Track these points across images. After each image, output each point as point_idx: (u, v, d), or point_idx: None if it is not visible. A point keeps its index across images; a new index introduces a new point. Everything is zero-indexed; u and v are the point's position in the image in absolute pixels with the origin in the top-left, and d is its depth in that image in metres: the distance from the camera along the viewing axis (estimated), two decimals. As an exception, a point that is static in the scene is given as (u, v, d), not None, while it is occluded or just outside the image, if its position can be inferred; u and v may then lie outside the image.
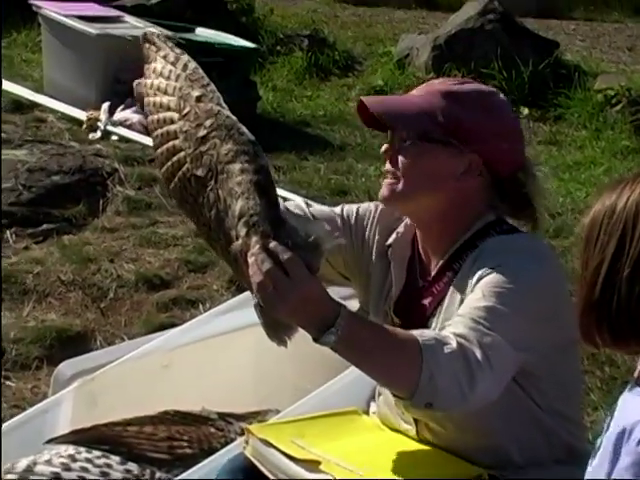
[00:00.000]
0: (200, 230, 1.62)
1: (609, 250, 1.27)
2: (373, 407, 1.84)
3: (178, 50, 1.66)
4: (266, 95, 6.10)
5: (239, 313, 2.33)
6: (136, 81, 1.68)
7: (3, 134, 4.84)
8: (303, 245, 1.44)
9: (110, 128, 4.97)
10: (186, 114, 1.55)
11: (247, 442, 1.68)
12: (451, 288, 1.69)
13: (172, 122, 1.57)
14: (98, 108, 5.06)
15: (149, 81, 1.64)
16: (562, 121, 6.10)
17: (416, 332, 1.54)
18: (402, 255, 1.79)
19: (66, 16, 5.40)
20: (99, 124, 4.99)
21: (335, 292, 2.27)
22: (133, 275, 3.70)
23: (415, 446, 1.68)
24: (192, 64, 1.61)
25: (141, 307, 3.55)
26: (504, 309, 1.57)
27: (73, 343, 3.29)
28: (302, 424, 1.76)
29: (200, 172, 1.52)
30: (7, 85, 5.50)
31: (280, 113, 5.96)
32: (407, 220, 1.80)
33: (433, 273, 1.74)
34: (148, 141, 4.07)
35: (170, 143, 1.57)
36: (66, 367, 2.31)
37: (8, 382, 3.09)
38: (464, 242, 1.71)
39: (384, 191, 1.73)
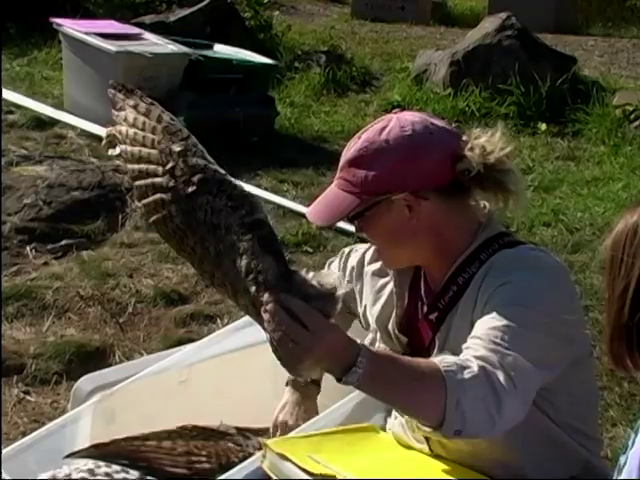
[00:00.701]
0: (202, 275, 1.61)
1: (634, 272, 1.25)
2: (390, 423, 1.84)
3: (148, 100, 1.64)
4: (284, 111, 6.12)
5: (257, 328, 2.32)
6: (109, 128, 1.69)
7: (24, 150, 4.89)
8: (316, 295, 1.43)
9: (129, 144, 5.00)
10: (170, 169, 1.53)
11: (264, 456, 1.68)
12: (459, 303, 1.69)
13: (156, 175, 1.55)
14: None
15: (123, 129, 1.62)
16: (580, 137, 6.09)
17: (437, 359, 1.54)
18: (404, 275, 1.81)
19: (86, 34, 5.45)
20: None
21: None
22: (152, 290, 3.72)
23: (431, 463, 1.68)
24: (166, 116, 1.59)
25: (159, 322, 3.57)
26: (521, 328, 1.57)
27: (92, 358, 3.30)
28: (319, 439, 1.76)
29: (195, 226, 1.51)
30: (28, 102, 5.55)
31: (298, 129, 5.98)
32: None
33: (438, 289, 1.75)
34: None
35: (157, 196, 1.55)
36: (85, 382, 2.32)
37: (28, 397, 3.11)
38: (467, 257, 1.71)
39: (377, 258, 1.85)
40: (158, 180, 1.55)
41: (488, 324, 1.58)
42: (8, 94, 5.61)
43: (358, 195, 1.70)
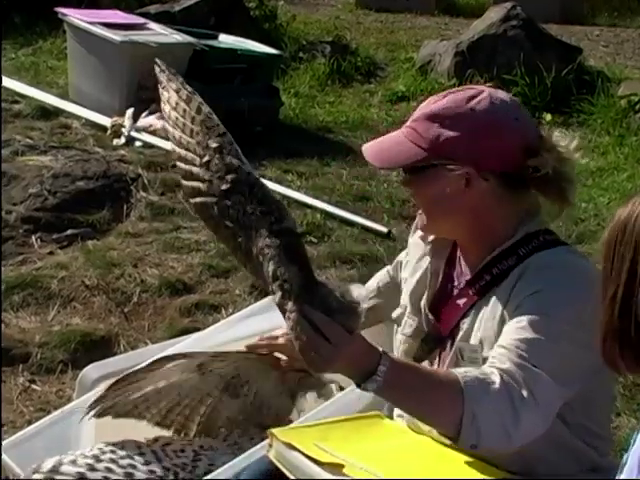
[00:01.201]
0: (237, 260, 1.64)
1: (623, 275, 1.25)
2: (397, 411, 1.84)
3: (189, 88, 1.66)
4: (289, 101, 6.12)
5: (261, 318, 2.34)
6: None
7: (29, 140, 4.89)
8: (339, 309, 1.44)
9: (134, 134, 5.01)
10: (207, 162, 1.57)
11: (271, 445, 1.68)
12: (490, 297, 1.68)
13: (194, 164, 1.59)
14: (122, 114, 5.10)
15: (167, 109, 1.65)
16: (585, 127, 6.08)
17: (459, 371, 1.54)
18: (441, 254, 1.80)
19: (91, 23, 5.46)
20: (123, 130, 5.03)
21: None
22: (156, 280, 3.72)
23: (439, 450, 1.68)
24: (205, 108, 1.62)
25: (164, 312, 3.57)
26: (549, 342, 1.56)
27: (97, 347, 3.31)
28: (325, 428, 1.76)
29: (229, 223, 1.54)
30: (33, 92, 5.56)
31: (302, 119, 5.98)
32: None
33: (471, 275, 1.74)
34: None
35: (196, 183, 1.59)
36: (91, 370, 2.33)
37: (33, 385, 3.13)
38: (505, 249, 1.70)
39: (418, 223, 1.81)
40: (195, 169, 1.59)
41: (516, 334, 1.57)
42: (13, 84, 5.61)
43: (425, 150, 1.68)
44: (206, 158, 1.56)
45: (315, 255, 3.94)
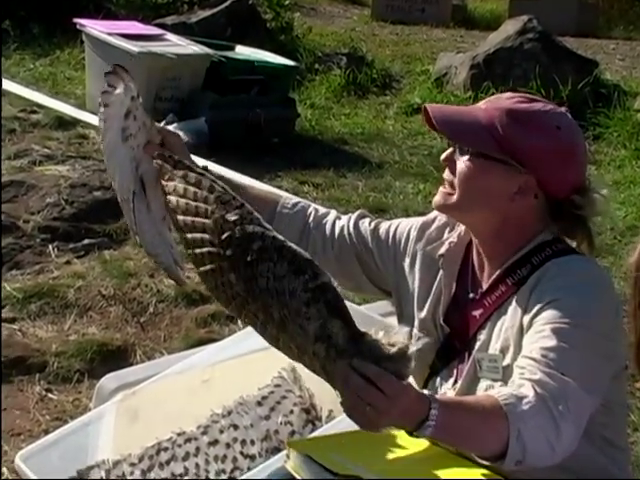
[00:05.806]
0: (264, 338, 1.54)
1: None
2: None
3: (198, 169, 1.59)
4: (305, 112, 6.14)
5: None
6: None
7: (47, 150, 4.93)
8: (388, 357, 1.41)
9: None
10: (227, 238, 1.48)
11: (288, 456, 1.68)
12: (509, 307, 1.68)
13: (212, 244, 1.51)
14: (139, 125, 5.12)
15: (173, 199, 1.57)
16: (601, 140, 6.07)
17: (493, 392, 1.54)
18: (454, 265, 1.80)
19: (109, 34, 5.49)
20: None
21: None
22: (173, 290, 3.73)
23: (457, 462, 1.67)
24: (218, 185, 1.54)
25: (180, 322, 3.58)
26: (574, 350, 1.56)
27: (113, 357, 3.32)
28: (343, 439, 1.75)
29: (257, 293, 1.46)
30: (51, 102, 5.59)
31: (318, 131, 6.00)
32: (460, 230, 1.81)
33: (485, 286, 1.73)
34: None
35: (215, 264, 1.51)
36: (108, 381, 2.34)
37: (50, 395, 3.14)
38: (519, 258, 1.70)
39: (439, 199, 1.75)
40: (214, 249, 1.51)
41: (540, 343, 1.57)
42: (31, 94, 5.66)
43: (494, 139, 1.67)
44: (226, 234, 1.47)
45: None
